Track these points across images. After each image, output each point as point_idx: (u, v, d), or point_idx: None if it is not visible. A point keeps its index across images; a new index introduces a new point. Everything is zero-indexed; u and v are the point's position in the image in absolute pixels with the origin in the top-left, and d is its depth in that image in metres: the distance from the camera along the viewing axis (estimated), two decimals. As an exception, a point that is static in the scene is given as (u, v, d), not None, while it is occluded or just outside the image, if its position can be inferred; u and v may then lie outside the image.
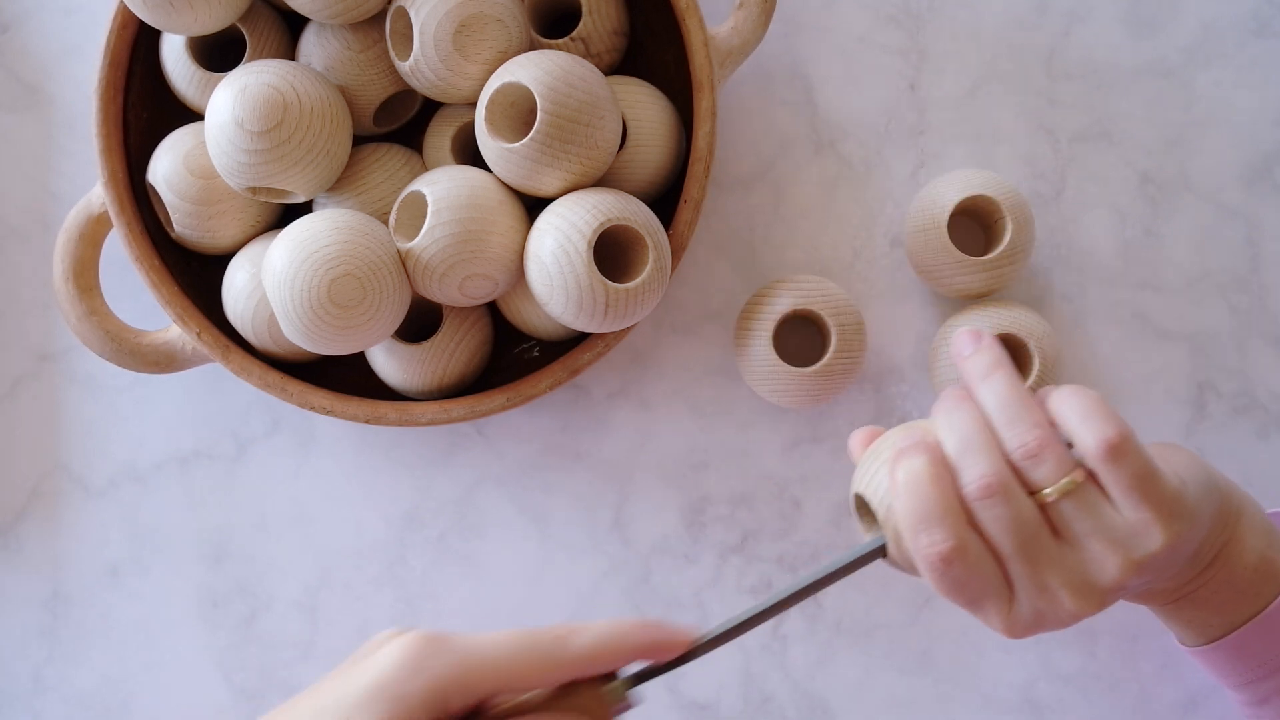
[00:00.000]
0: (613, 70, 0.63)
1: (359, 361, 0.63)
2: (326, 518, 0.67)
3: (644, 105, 0.60)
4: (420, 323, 0.61)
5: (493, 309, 0.64)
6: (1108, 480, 0.45)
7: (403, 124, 0.64)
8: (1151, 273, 0.66)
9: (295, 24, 0.62)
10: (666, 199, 0.62)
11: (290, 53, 0.62)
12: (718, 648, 0.46)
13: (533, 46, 0.60)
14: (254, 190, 0.58)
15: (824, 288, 0.61)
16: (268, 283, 0.55)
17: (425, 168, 0.62)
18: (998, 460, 0.46)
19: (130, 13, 0.60)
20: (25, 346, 0.68)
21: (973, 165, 0.66)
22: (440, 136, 0.61)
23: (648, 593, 0.66)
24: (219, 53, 0.62)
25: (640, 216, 0.56)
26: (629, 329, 0.60)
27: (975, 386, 0.49)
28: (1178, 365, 0.66)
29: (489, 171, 0.58)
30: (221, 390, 0.67)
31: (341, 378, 0.63)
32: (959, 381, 0.61)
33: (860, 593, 0.66)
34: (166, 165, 0.60)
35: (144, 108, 0.62)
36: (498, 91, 0.56)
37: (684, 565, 0.66)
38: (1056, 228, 0.66)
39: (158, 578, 0.67)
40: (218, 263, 0.62)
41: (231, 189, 0.59)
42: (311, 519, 0.67)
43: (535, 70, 0.55)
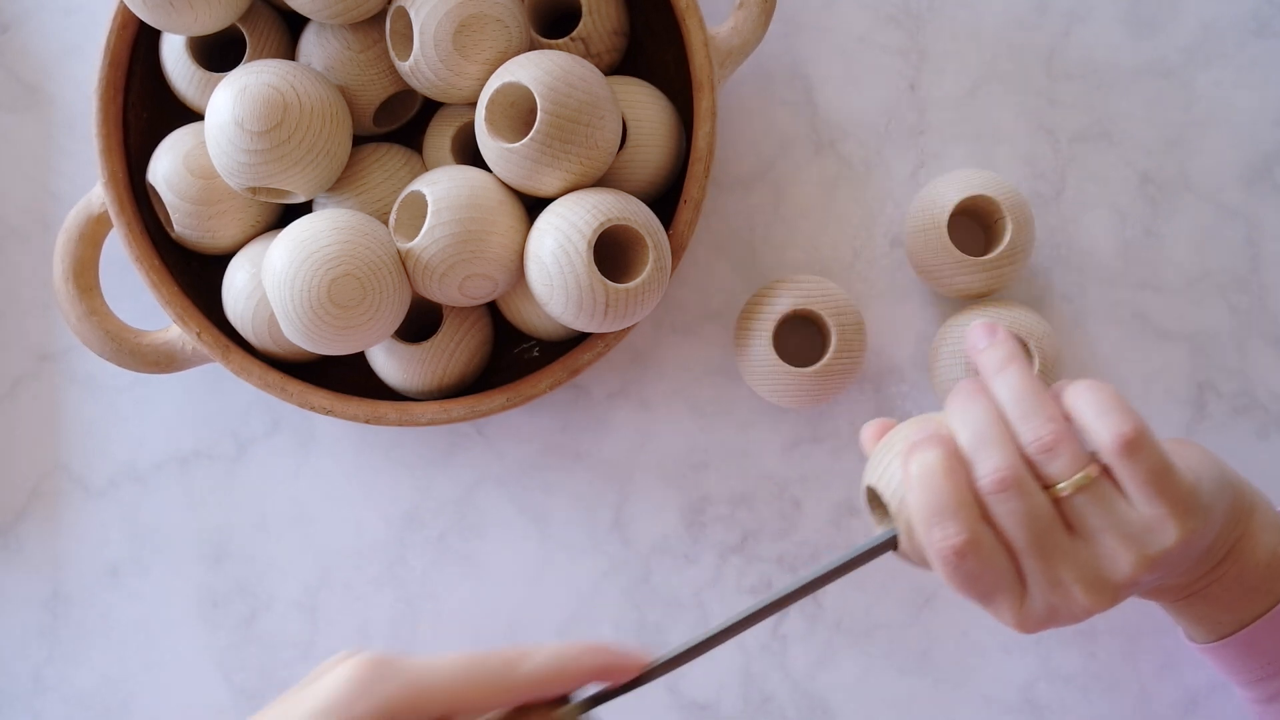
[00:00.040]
0: (613, 70, 0.63)
1: (359, 361, 0.63)
2: (326, 518, 0.67)
3: (644, 105, 0.60)
4: (420, 323, 0.61)
5: (493, 309, 0.64)
6: (1123, 475, 0.45)
7: (403, 124, 0.64)
8: (1151, 273, 0.66)
9: (295, 24, 0.62)
10: (666, 199, 0.62)
11: (290, 53, 0.62)
12: (677, 668, 0.45)
13: (533, 46, 0.60)
14: (254, 190, 0.58)
15: (824, 288, 0.61)
16: (268, 283, 0.55)
17: (425, 168, 0.62)
18: (1012, 454, 0.46)
19: (130, 13, 0.60)
20: (25, 346, 0.68)
21: (973, 165, 0.66)
22: (440, 136, 0.61)
23: (648, 593, 0.66)
24: (219, 53, 0.62)
25: (640, 216, 0.56)
26: (629, 329, 0.60)
27: (990, 380, 0.48)
28: (1178, 365, 0.66)
29: (489, 171, 0.58)
30: (221, 390, 0.67)
31: (341, 378, 0.62)
32: (969, 373, 0.61)
33: (860, 593, 0.66)
34: (166, 165, 0.60)
35: (144, 108, 0.62)
36: (498, 91, 0.56)
37: (684, 565, 0.66)
38: (1056, 228, 0.66)
39: (158, 578, 0.67)
40: (218, 263, 0.62)
41: (231, 189, 0.59)
42: (311, 519, 0.67)
43: (535, 70, 0.55)
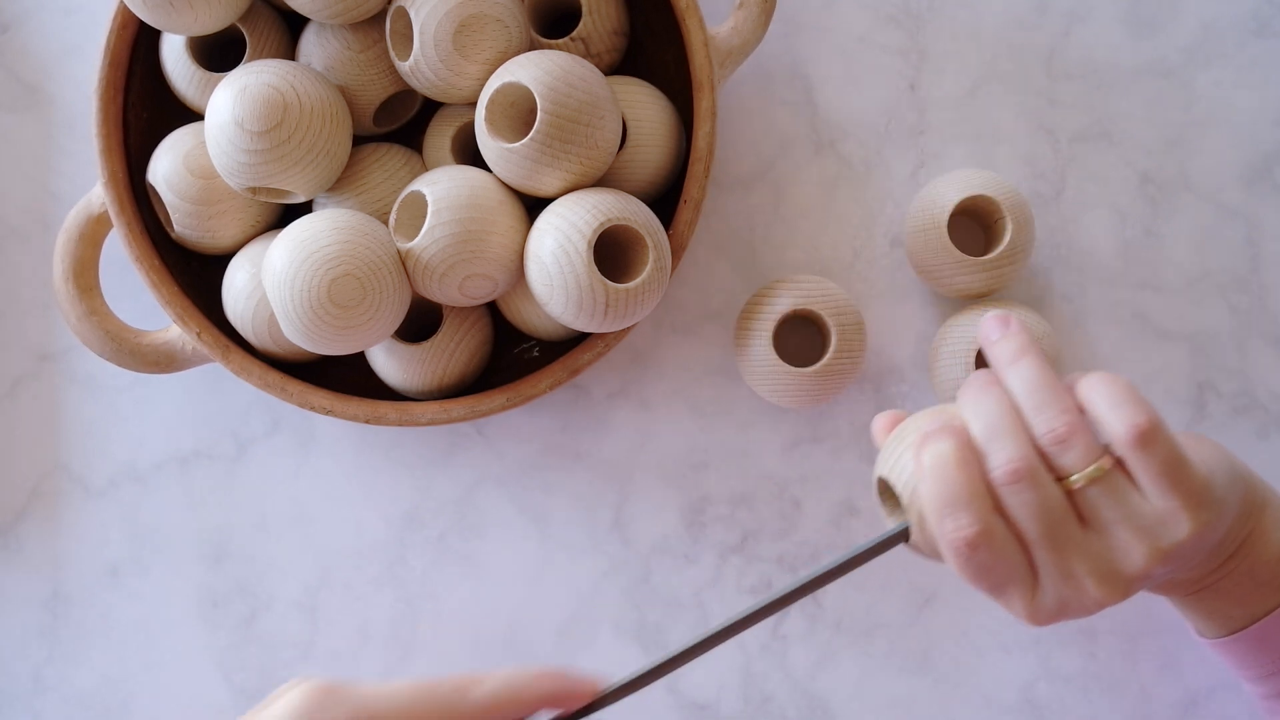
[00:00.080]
0: (613, 70, 0.63)
1: (359, 361, 0.63)
2: (326, 518, 0.67)
3: (644, 105, 0.60)
4: (420, 323, 0.61)
5: (493, 309, 0.64)
6: (1136, 467, 0.45)
7: (403, 124, 0.64)
8: (1151, 273, 0.66)
9: (295, 24, 0.62)
10: (666, 199, 0.62)
11: (290, 53, 0.62)
12: (631, 694, 0.45)
13: (533, 46, 0.60)
14: (254, 190, 0.58)
15: (824, 288, 0.61)
16: (268, 283, 0.55)
17: (425, 168, 0.62)
18: (1025, 445, 0.45)
19: (130, 13, 0.60)
20: (25, 346, 0.68)
21: (973, 165, 0.66)
22: (440, 136, 0.61)
23: (648, 593, 0.66)
24: (219, 53, 0.62)
25: (640, 216, 0.56)
26: (629, 329, 0.60)
27: (1003, 371, 0.48)
28: (1178, 365, 0.66)
29: (489, 171, 0.58)
30: (221, 390, 0.67)
31: (341, 378, 0.62)
32: (969, 373, 0.61)
33: (860, 592, 0.66)
34: (166, 165, 0.60)
35: (144, 108, 0.62)
36: (498, 91, 0.56)
37: (684, 565, 0.66)
38: (1056, 228, 0.66)
39: (158, 578, 0.67)
40: (218, 263, 0.62)
41: (231, 189, 0.59)
42: (311, 519, 0.67)
43: (535, 70, 0.55)
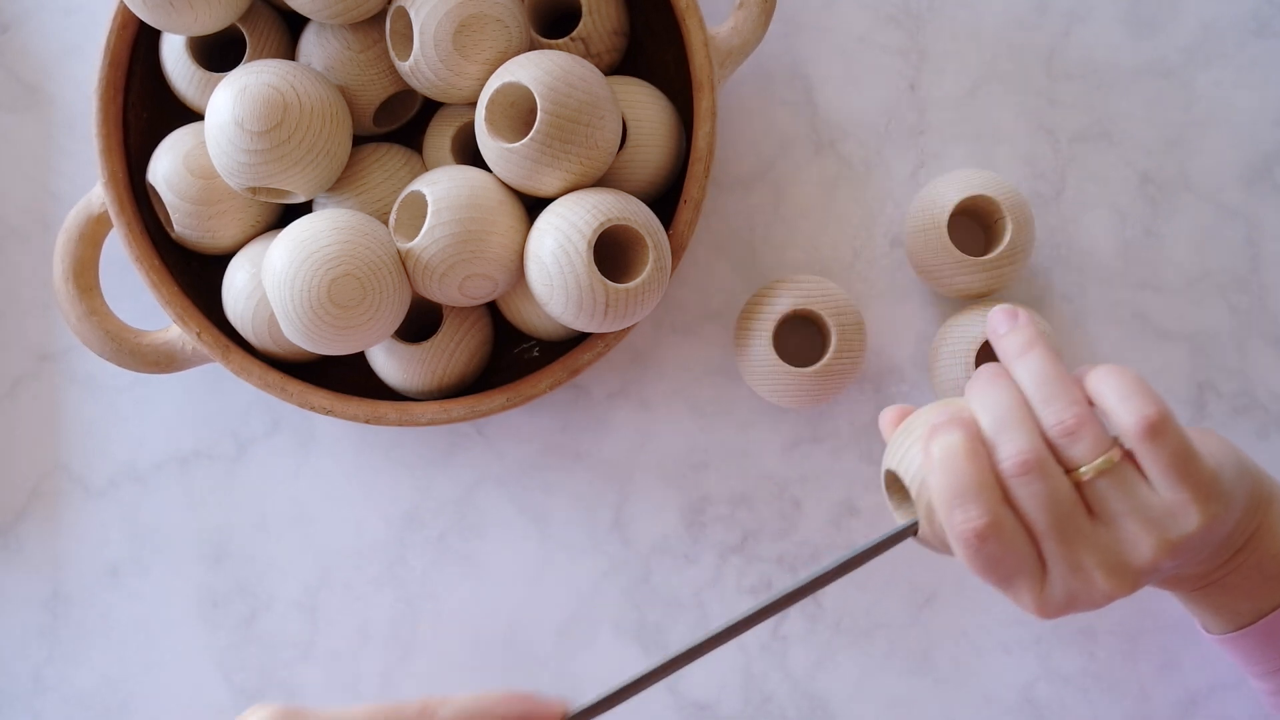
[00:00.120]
0: (613, 70, 0.63)
1: (359, 361, 0.63)
2: (326, 518, 0.67)
3: (644, 105, 0.60)
4: (420, 323, 0.61)
5: (493, 309, 0.64)
6: (1145, 459, 0.45)
7: (403, 124, 0.64)
8: (1151, 273, 0.66)
9: (295, 24, 0.62)
10: (666, 199, 0.62)
11: (290, 53, 0.62)
12: (603, 712, 0.44)
13: (533, 46, 0.60)
14: (254, 190, 0.58)
15: (824, 288, 0.61)
16: (268, 283, 0.55)
17: (425, 168, 0.62)
18: (1034, 437, 0.45)
19: (130, 13, 0.60)
20: (25, 346, 0.68)
21: (973, 165, 0.66)
22: (440, 136, 0.61)
23: (648, 593, 0.66)
24: (219, 53, 0.62)
25: (640, 216, 0.56)
26: (629, 329, 0.60)
27: (1011, 364, 0.48)
28: (1178, 365, 0.66)
29: (489, 171, 0.58)
30: (221, 390, 0.67)
31: (341, 378, 0.62)
32: (969, 373, 0.61)
33: (860, 592, 0.66)
34: (166, 165, 0.60)
35: (144, 108, 0.62)
36: (498, 91, 0.56)
37: (684, 565, 0.66)
38: (1056, 228, 0.66)
39: (158, 578, 0.67)
40: (218, 263, 0.62)
41: (231, 189, 0.59)
42: (311, 519, 0.67)
43: (535, 70, 0.55)
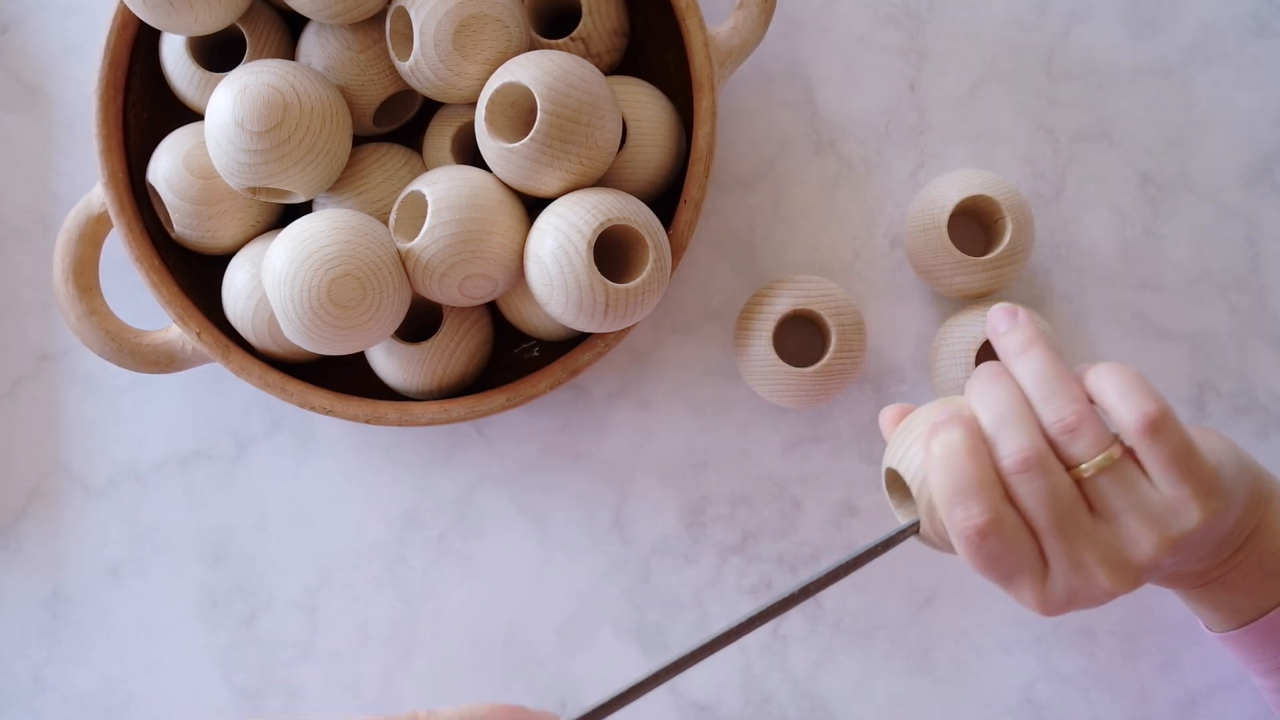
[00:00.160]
0: (613, 70, 0.63)
1: (359, 361, 0.63)
2: (326, 518, 0.67)
3: (644, 105, 0.60)
4: (420, 323, 0.61)
5: (493, 309, 0.64)
6: (1146, 456, 0.45)
7: (403, 124, 0.64)
8: (1151, 273, 0.66)
9: (295, 24, 0.62)
10: (666, 199, 0.62)
11: (290, 53, 0.62)
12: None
13: (533, 46, 0.60)
14: (254, 190, 0.58)
15: (824, 288, 0.61)
16: (268, 283, 0.55)
17: (425, 168, 0.62)
18: (1035, 434, 0.45)
19: (130, 13, 0.60)
20: (25, 346, 0.68)
21: (973, 165, 0.66)
22: (440, 136, 0.61)
23: (648, 593, 0.66)
24: (219, 53, 0.62)
25: (640, 216, 0.56)
26: (629, 329, 0.60)
27: (1011, 362, 0.48)
28: (1178, 365, 0.66)
29: (489, 171, 0.58)
30: (221, 390, 0.67)
31: (341, 378, 0.62)
32: (969, 373, 0.61)
33: (860, 593, 0.66)
34: (166, 165, 0.60)
35: (144, 108, 0.62)
36: (498, 91, 0.56)
37: (684, 565, 0.66)
38: (1056, 228, 0.66)
39: (158, 578, 0.67)
40: (218, 263, 0.62)
41: (231, 189, 0.59)
42: (311, 519, 0.67)
43: (535, 70, 0.55)
